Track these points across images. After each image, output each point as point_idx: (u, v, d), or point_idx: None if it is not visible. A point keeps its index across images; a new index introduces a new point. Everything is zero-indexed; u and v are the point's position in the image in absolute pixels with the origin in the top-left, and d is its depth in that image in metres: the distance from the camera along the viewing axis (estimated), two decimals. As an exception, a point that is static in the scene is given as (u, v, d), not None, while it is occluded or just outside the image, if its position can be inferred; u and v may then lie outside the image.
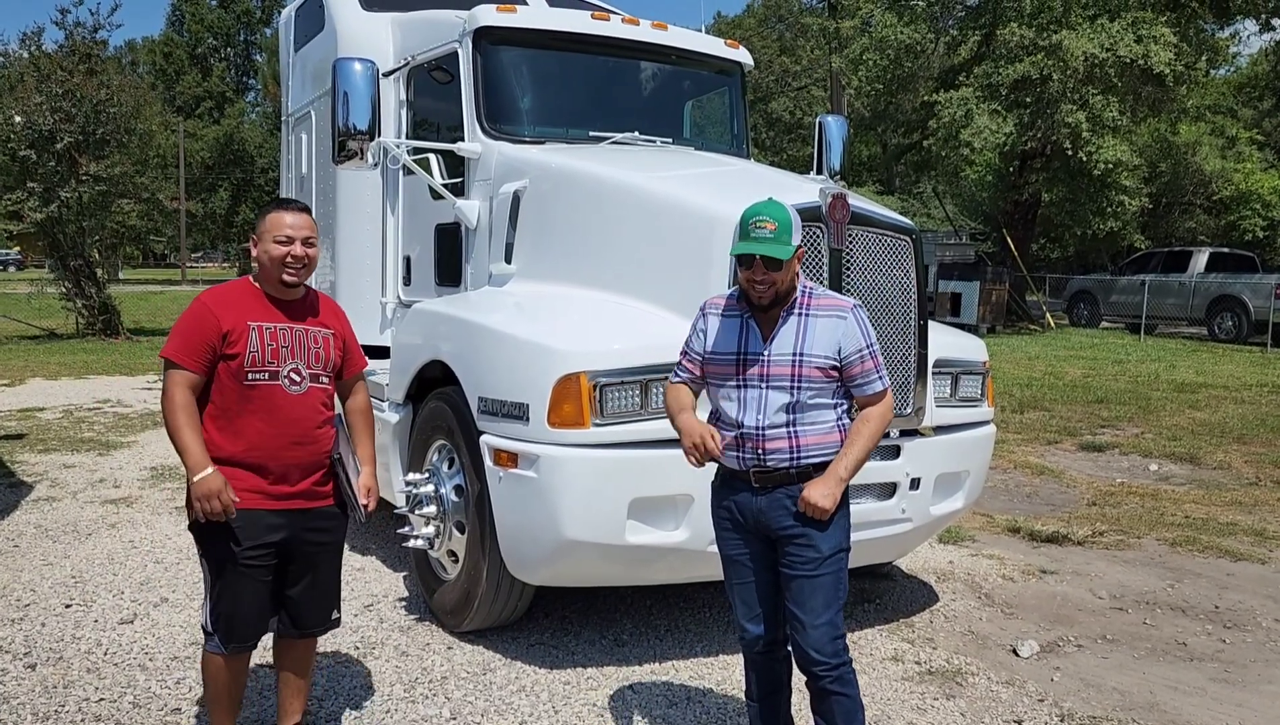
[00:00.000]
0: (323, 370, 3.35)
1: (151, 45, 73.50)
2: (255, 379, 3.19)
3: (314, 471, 3.33)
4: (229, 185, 52.62)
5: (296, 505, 3.29)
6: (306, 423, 3.28)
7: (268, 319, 3.25)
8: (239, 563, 3.22)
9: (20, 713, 3.83)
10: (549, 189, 5.02)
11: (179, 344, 3.17)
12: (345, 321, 3.55)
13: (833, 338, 3.04)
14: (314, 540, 3.36)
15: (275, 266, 3.25)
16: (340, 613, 3.58)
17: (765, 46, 50.72)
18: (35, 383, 13.29)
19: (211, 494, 3.09)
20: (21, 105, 18.20)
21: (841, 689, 3.07)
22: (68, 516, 6.64)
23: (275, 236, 3.24)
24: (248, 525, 3.20)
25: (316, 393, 3.32)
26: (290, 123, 7.90)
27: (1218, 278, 22.67)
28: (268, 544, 3.25)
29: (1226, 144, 34.72)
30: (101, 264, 20.48)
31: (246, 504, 3.18)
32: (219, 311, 3.19)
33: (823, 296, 3.13)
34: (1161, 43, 19.74)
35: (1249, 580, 5.87)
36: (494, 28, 5.48)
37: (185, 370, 3.14)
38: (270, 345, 3.22)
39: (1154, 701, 4.24)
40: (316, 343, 3.33)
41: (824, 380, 3.04)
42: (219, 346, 3.15)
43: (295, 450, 3.25)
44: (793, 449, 3.05)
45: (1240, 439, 10.15)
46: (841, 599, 3.11)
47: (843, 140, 6.65)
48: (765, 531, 3.14)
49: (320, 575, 3.43)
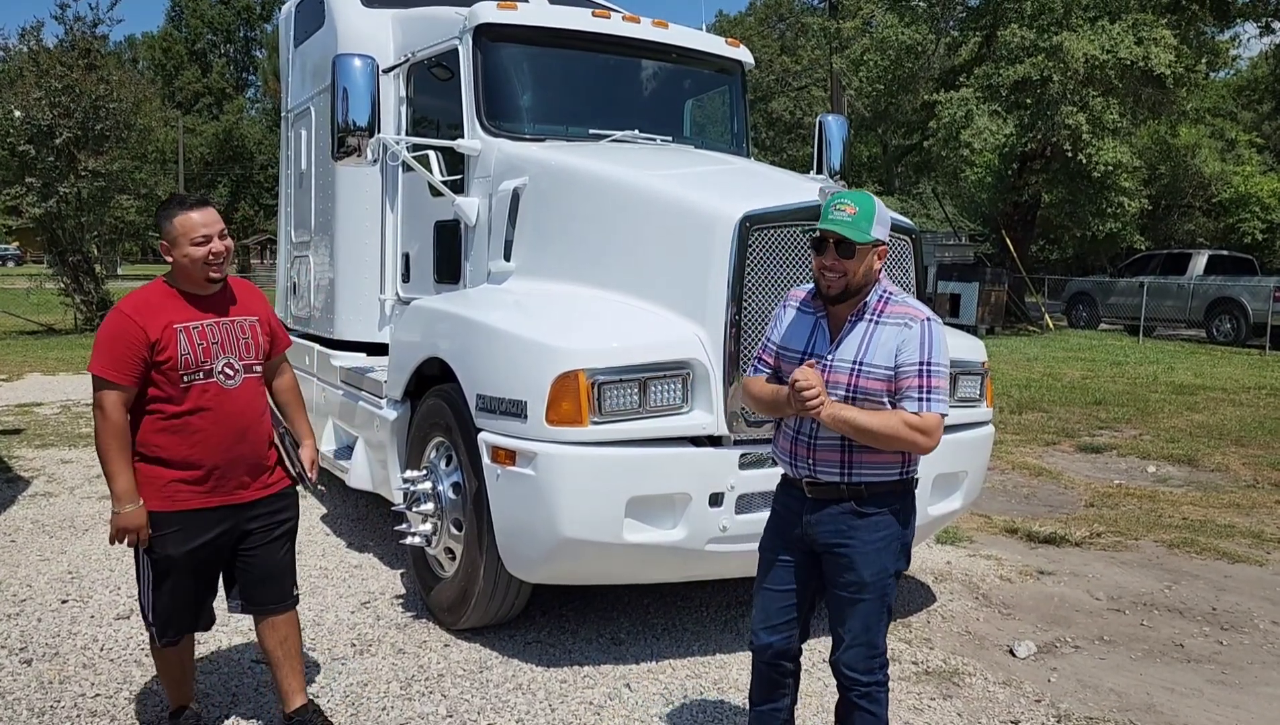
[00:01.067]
0: (255, 360, 3.39)
1: (151, 41, 73.53)
2: (190, 381, 3.21)
3: (259, 463, 3.39)
4: (228, 181, 52.61)
5: (242, 498, 3.36)
6: (246, 415, 3.33)
7: (192, 318, 3.25)
8: (180, 564, 3.28)
9: (16, 708, 3.83)
10: (549, 186, 5.02)
11: (107, 359, 3.14)
12: (265, 302, 3.56)
13: (892, 346, 2.85)
14: (263, 526, 3.43)
15: (198, 267, 3.23)
16: (298, 590, 3.62)
17: (766, 46, 50.75)
18: (33, 378, 13.28)
19: (131, 529, 3.18)
20: (21, 100, 18.19)
21: (870, 706, 3.02)
22: (65, 512, 6.64)
23: (192, 238, 3.21)
24: (190, 527, 3.26)
25: (251, 384, 3.37)
26: (290, 119, 7.89)
27: (1216, 280, 22.67)
28: (211, 541, 3.32)
29: (1226, 147, 34.79)
30: (100, 259, 20.48)
31: (190, 504, 3.24)
32: (142, 320, 3.16)
33: (899, 304, 2.92)
34: (1162, 45, 19.73)
35: (1246, 582, 5.87)
36: (494, 25, 5.47)
37: (118, 387, 3.14)
38: (200, 344, 3.23)
39: (1151, 703, 4.24)
40: (244, 332, 3.36)
41: (883, 393, 2.86)
42: (148, 356, 3.14)
43: (239, 445, 3.30)
44: (845, 463, 2.92)
45: (1238, 441, 10.15)
46: (885, 620, 3.01)
47: (843, 140, 6.65)
48: (811, 544, 3.04)
49: (274, 556, 3.48)
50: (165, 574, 3.29)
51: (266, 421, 3.44)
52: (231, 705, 3.92)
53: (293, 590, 3.58)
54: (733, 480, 4.12)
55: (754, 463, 4.13)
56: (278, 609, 3.53)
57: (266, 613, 3.52)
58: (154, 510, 3.22)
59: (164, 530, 3.23)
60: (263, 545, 3.45)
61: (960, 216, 35.65)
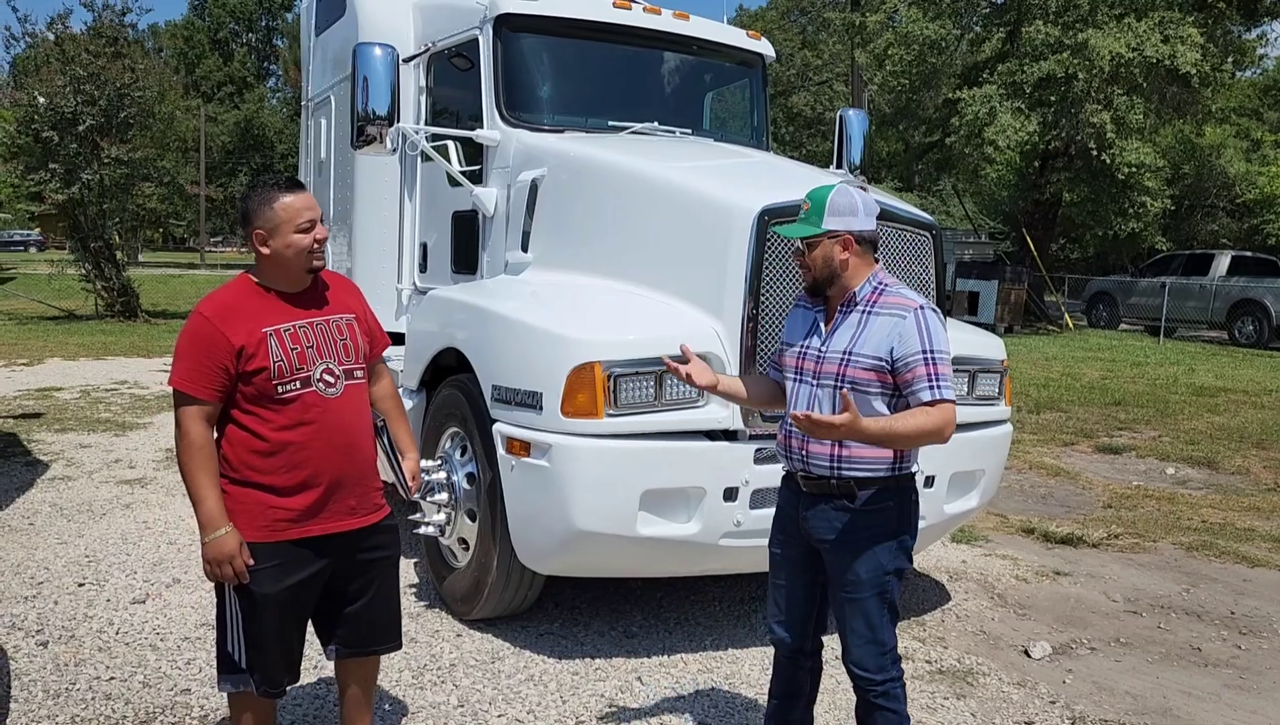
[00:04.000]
0: (355, 364, 2.99)
1: (174, 29, 73.96)
2: (287, 391, 2.82)
3: (365, 483, 3.01)
4: (248, 170, 52.87)
5: (349, 525, 2.96)
6: (350, 429, 2.93)
7: (284, 319, 2.86)
8: (275, 602, 2.87)
9: (32, 689, 3.85)
10: (567, 178, 5.00)
11: (188, 370, 2.77)
12: (361, 298, 3.21)
13: (885, 338, 2.84)
14: (370, 558, 3.05)
15: (302, 258, 2.86)
16: (402, 635, 3.29)
17: (787, 40, 50.54)
18: (54, 363, 13.37)
19: (224, 558, 2.77)
20: (45, 87, 18.30)
21: (888, 704, 2.99)
22: (83, 496, 6.68)
23: (297, 225, 2.83)
24: (289, 562, 2.87)
25: (354, 391, 2.97)
26: (310, 108, 7.90)
27: (1239, 281, 22.46)
28: (313, 577, 2.93)
29: (1251, 147, 34.42)
30: (121, 246, 20.57)
31: (290, 534, 2.86)
32: (226, 326, 2.77)
33: (893, 294, 2.92)
34: (1189, 43, 19.53)
35: (1266, 586, 5.81)
36: (515, 15, 5.45)
37: (200, 402, 2.77)
38: (294, 348, 2.83)
39: (1167, 706, 4.20)
40: (341, 333, 2.96)
41: (873, 383, 2.85)
42: (234, 366, 2.76)
43: (343, 462, 2.91)
44: (834, 458, 2.90)
45: (1259, 444, 10.05)
46: (890, 618, 2.98)
47: (863, 135, 6.61)
48: (810, 540, 3.04)
49: (382, 591, 3.11)
50: (259, 615, 2.86)
51: (372, 438, 3.06)
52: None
53: (399, 630, 3.22)
54: (747, 475, 4.10)
55: (769, 458, 4.10)
56: (384, 650, 3.22)
57: (370, 654, 3.18)
58: (248, 541, 2.82)
59: (260, 565, 2.82)
60: (370, 580, 3.06)
61: (980, 214, 35.44)
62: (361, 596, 3.06)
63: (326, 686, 3.91)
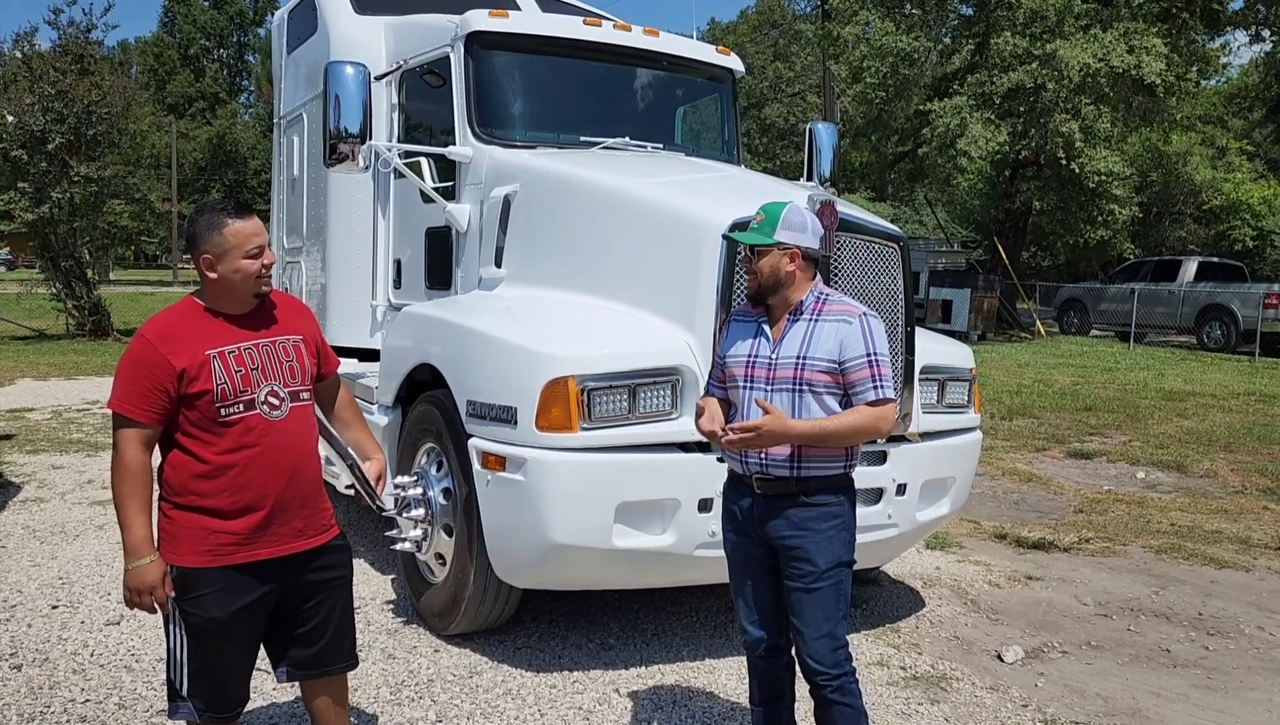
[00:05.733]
0: (300, 386, 2.94)
1: (144, 45, 73.49)
2: (230, 414, 2.78)
3: (312, 504, 2.97)
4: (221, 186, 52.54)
5: (297, 548, 2.92)
6: (296, 450, 2.91)
7: (228, 341, 2.81)
8: (223, 628, 2.82)
9: (6, 713, 3.83)
10: (540, 193, 5.04)
11: (127, 393, 2.72)
12: (310, 318, 3.15)
13: (834, 342, 3.03)
14: (321, 579, 3.01)
15: (250, 282, 2.83)
16: (357, 653, 3.26)
17: (759, 52, 50.92)
18: (24, 383, 13.25)
19: (144, 588, 2.74)
20: (13, 105, 18.17)
21: (843, 699, 3.07)
22: (55, 517, 6.63)
23: (246, 251, 2.79)
24: (235, 585, 2.82)
25: (299, 414, 2.93)
26: (282, 125, 7.90)
27: (1207, 287, 22.76)
28: (259, 601, 2.88)
29: (1217, 154, 34.92)
30: (92, 265, 20.41)
31: (235, 558, 2.81)
32: (168, 348, 2.72)
33: (836, 302, 3.13)
34: (1153, 53, 19.84)
35: (1233, 588, 5.91)
36: (486, 32, 5.50)
37: (139, 425, 2.73)
38: (239, 371, 2.79)
39: (1137, 707, 4.27)
40: (288, 355, 2.92)
41: (829, 384, 3.03)
42: (175, 389, 2.72)
43: (288, 485, 2.88)
44: (794, 457, 3.04)
45: (1227, 447, 10.20)
46: (843, 611, 3.10)
47: (833, 147, 6.69)
48: (766, 539, 3.14)
49: (334, 611, 3.07)
50: (204, 640, 2.81)
51: (318, 460, 3.02)
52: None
53: (354, 649, 3.19)
54: (721, 486, 4.13)
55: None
56: (338, 671, 3.15)
57: (323, 675, 3.12)
58: (192, 566, 2.78)
59: (204, 590, 2.78)
60: (321, 602, 3.02)
61: (952, 223, 35.75)
62: (314, 618, 3.03)
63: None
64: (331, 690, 3.17)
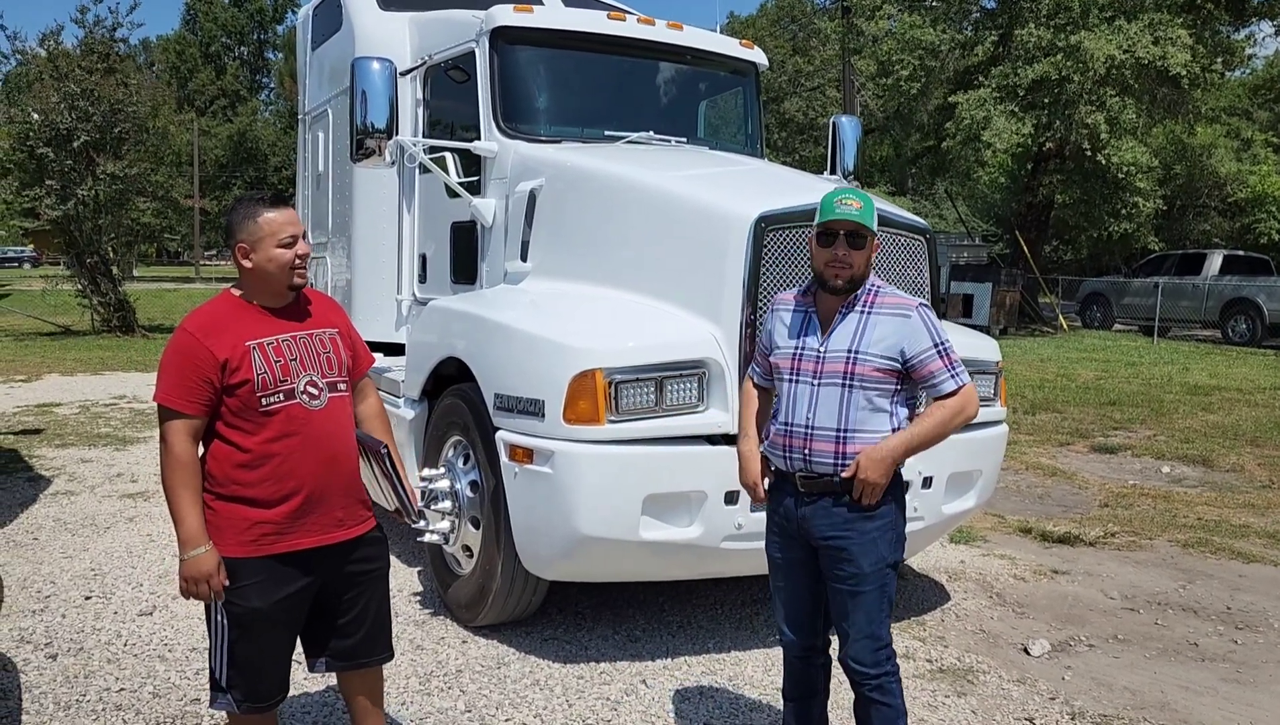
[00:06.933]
0: (338, 376, 3.00)
1: (165, 43, 74.02)
2: (271, 403, 2.82)
3: (351, 494, 3.01)
4: (242, 183, 52.88)
5: (337, 537, 2.96)
6: (336, 439, 2.94)
7: (267, 333, 2.87)
8: (265, 617, 2.86)
9: (42, 701, 3.89)
10: (564, 187, 5.06)
11: (173, 384, 2.77)
12: (343, 313, 3.22)
13: (895, 339, 2.94)
14: (359, 571, 3.05)
15: (285, 272, 2.88)
16: (393, 646, 3.26)
17: (778, 47, 50.71)
18: (52, 378, 13.40)
19: (200, 577, 2.75)
20: (40, 103, 18.34)
21: (883, 698, 3.05)
22: (86, 510, 6.72)
23: (279, 240, 2.85)
24: (275, 576, 2.86)
25: (337, 404, 2.97)
26: (307, 121, 7.96)
27: (1232, 281, 22.56)
28: (300, 591, 2.92)
29: (1242, 146, 34.57)
30: (117, 261, 20.60)
31: (277, 548, 2.85)
32: (210, 340, 2.78)
33: (889, 295, 3.03)
34: (1178, 44, 19.65)
35: (1261, 582, 5.87)
36: (510, 27, 5.51)
37: (185, 417, 2.76)
38: (278, 361, 2.85)
39: (1165, 701, 4.25)
40: (324, 347, 2.98)
41: (881, 381, 2.95)
42: (219, 380, 2.77)
43: (328, 474, 2.91)
44: (839, 454, 2.96)
45: (1253, 442, 10.12)
46: (887, 611, 3.06)
47: (856, 141, 6.67)
48: (809, 539, 3.08)
49: (373, 604, 3.11)
50: (246, 630, 2.85)
51: (356, 448, 3.04)
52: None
53: (390, 641, 3.21)
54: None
55: (768, 461, 4.15)
56: (375, 662, 3.17)
57: (360, 666, 3.14)
58: (235, 557, 2.81)
59: (247, 580, 2.82)
60: (359, 593, 3.05)
61: (974, 217, 35.57)
62: (352, 609, 3.06)
63: (335, 694, 3.95)
64: (369, 682, 3.20)
